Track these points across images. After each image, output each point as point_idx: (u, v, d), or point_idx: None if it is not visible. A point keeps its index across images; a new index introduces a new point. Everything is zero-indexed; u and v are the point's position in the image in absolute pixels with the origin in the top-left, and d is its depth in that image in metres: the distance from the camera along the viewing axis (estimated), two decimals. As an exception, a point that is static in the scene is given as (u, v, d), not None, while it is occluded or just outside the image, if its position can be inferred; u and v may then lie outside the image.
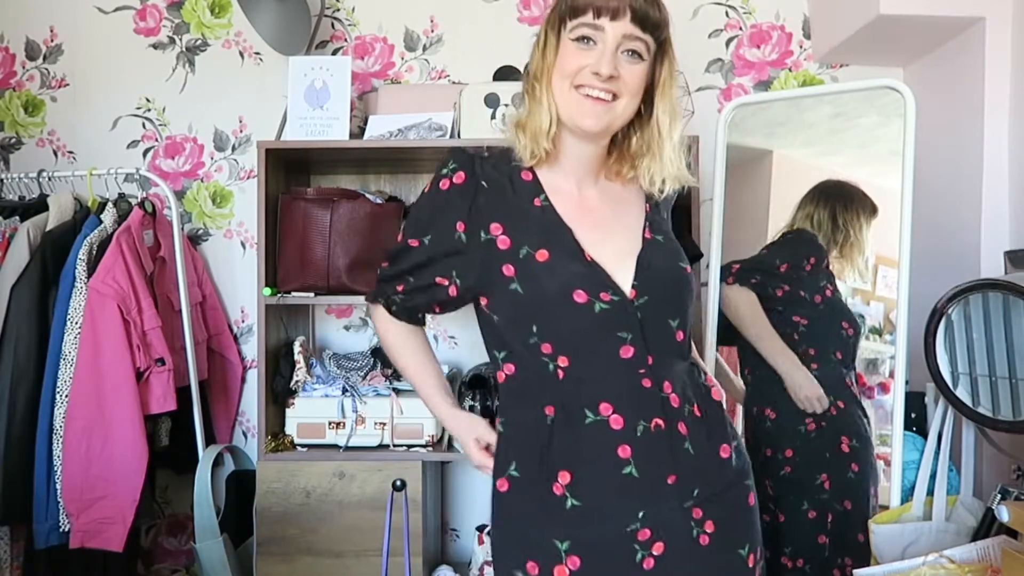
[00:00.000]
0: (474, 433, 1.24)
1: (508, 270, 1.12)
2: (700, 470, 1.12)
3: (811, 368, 1.87)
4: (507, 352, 1.16)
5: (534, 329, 1.11)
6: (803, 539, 1.85)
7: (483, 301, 1.16)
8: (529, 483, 1.12)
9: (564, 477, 1.10)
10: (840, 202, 1.93)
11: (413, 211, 1.21)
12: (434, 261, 1.17)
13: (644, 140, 1.17)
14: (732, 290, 1.95)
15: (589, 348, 1.10)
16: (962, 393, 1.67)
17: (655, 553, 1.08)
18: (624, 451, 1.09)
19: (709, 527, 1.11)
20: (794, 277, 1.93)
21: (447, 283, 1.17)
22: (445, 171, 1.16)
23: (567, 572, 1.08)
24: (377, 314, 1.30)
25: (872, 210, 1.91)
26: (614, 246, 1.15)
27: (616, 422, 1.09)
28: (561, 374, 1.11)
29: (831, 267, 1.93)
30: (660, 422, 1.10)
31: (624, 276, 1.13)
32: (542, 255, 1.11)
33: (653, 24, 1.11)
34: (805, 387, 1.86)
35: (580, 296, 1.09)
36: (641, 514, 1.08)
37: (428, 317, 1.31)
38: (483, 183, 1.16)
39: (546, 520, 1.10)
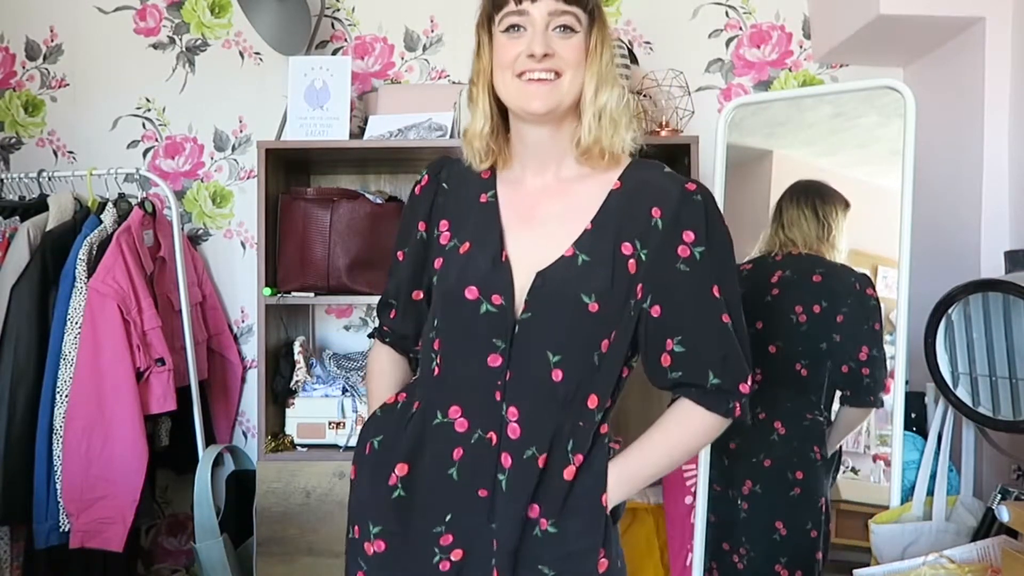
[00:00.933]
0: None
1: (438, 263, 1.14)
2: (504, 505, 1.06)
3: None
4: (421, 346, 1.19)
5: (435, 323, 1.12)
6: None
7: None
8: (379, 459, 1.13)
9: (401, 469, 1.10)
10: (819, 198, 1.93)
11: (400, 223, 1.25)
12: (412, 272, 1.20)
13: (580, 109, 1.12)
14: None
15: (465, 348, 1.09)
16: (962, 393, 1.67)
17: (453, 559, 1.07)
18: (457, 453, 1.08)
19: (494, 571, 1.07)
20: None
21: (422, 296, 1.20)
22: (419, 177, 1.22)
23: (372, 551, 1.11)
24: (373, 346, 1.30)
25: (845, 204, 1.92)
26: (538, 251, 1.09)
27: (460, 425, 1.08)
28: (436, 371, 1.11)
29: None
30: (493, 436, 1.07)
31: (527, 288, 1.08)
32: (464, 247, 1.12)
33: None
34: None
35: (471, 293, 1.08)
36: (448, 517, 1.07)
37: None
38: (444, 184, 1.19)
39: (372, 501, 1.12)
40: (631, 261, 1.08)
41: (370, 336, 1.31)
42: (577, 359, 1.07)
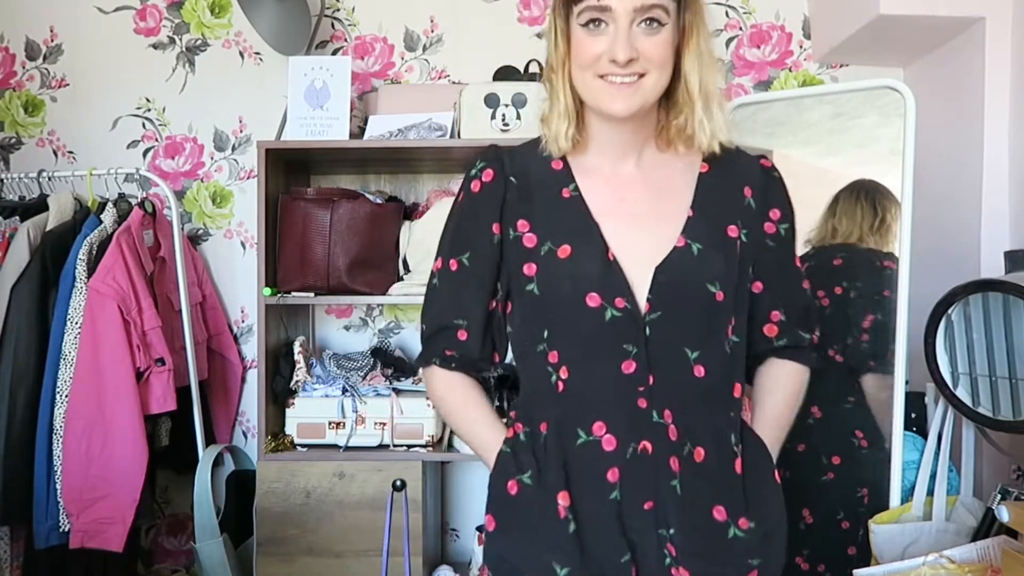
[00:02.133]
0: None
1: (529, 269, 1.05)
2: (682, 512, 1.01)
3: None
4: (520, 361, 1.10)
5: (545, 335, 1.04)
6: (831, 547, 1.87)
7: (512, 303, 1.09)
8: (537, 495, 1.03)
9: (564, 499, 1.01)
10: (878, 191, 1.95)
11: (446, 229, 1.11)
12: (481, 282, 1.08)
13: (677, 99, 1.05)
14: None
15: (593, 358, 1.02)
16: (962, 393, 1.67)
17: None
18: (613, 474, 1.01)
19: (684, 573, 1.00)
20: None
21: (495, 305, 1.09)
22: (474, 172, 1.09)
23: None
24: (432, 377, 1.15)
25: (899, 205, 1.94)
26: (643, 244, 1.04)
27: (608, 443, 1.01)
28: (561, 387, 1.03)
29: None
30: (648, 445, 1.01)
31: (643, 284, 1.02)
32: (564, 251, 1.03)
33: None
34: None
35: (594, 300, 1.01)
36: (626, 543, 1.01)
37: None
38: (511, 178, 1.08)
39: (549, 541, 1.02)
40: (738, 243, 1.06)
41: (421, 365, 1.16)
42: (714, 351, 1.04)
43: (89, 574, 2.15)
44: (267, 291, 2.09)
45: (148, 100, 2.51)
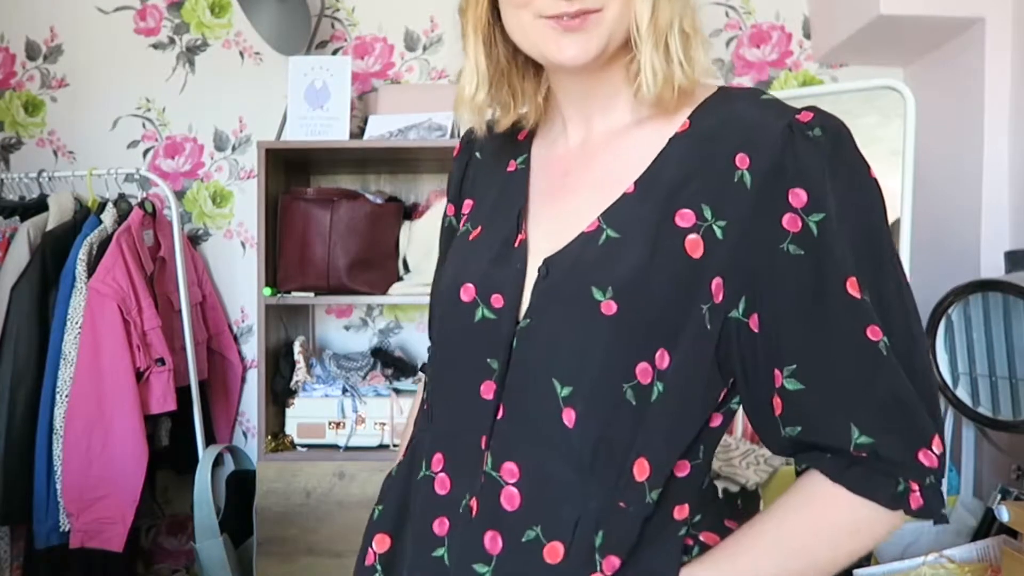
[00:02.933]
0: None
1: (445, 254, 0.89)
2: None
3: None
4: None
5: (433, 336, 0.85)
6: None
7: None
8: (366, 532, 0.85)
9: (381, 543, 0.80)
10: None
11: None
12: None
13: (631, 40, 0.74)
14: None
15: (452, 370, 0.78)
16: (962, 393, 1.67)
17: None
18: (441, 526, 0.74)
19: None
20: None
21: None
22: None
23: None
24: (420, 385, 0.95)
25: None
26: (558, 230, 0.75)
27: (442, 484, 0.75)
28: (426, 404, 0.82)
29: None
30: (474, 504, 0.72)
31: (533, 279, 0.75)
32: (475, 233, 0.82)
33: None
34: None
35: (467, 292, 0.76)
36: None
37: None
38: (476, 154, 0.89)
39: None
40: (692, 237, 0.68)
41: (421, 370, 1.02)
42: (596, 393, 0.68)
43: (89, 574, 2.15)
44: (267, 291, 2.09)
45: (148, 100, 2.51)
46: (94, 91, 2.50)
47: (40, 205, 2.16)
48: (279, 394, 2.15)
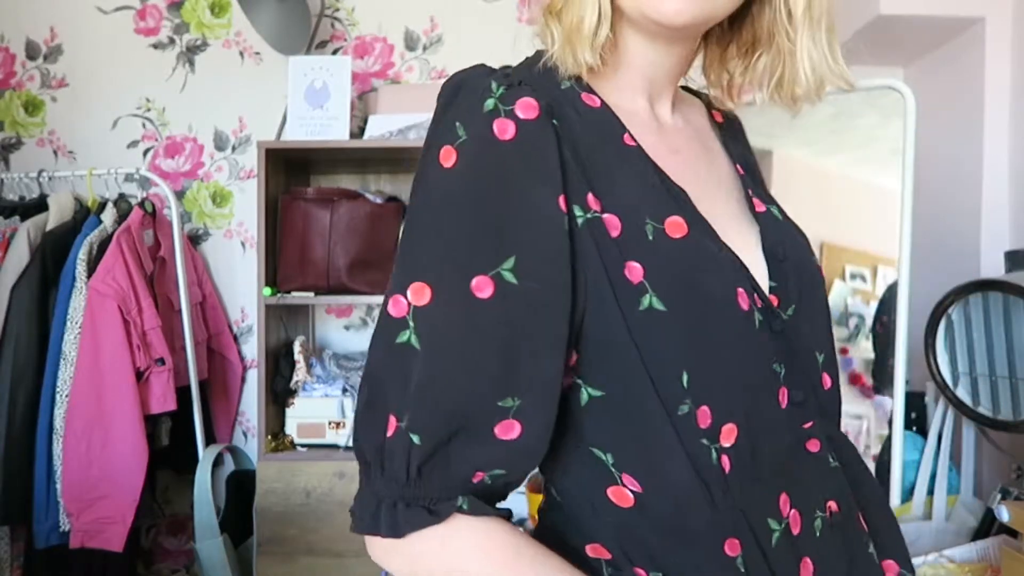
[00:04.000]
0: None
1: (634, 273, 0.58)
2: None
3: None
4: (617, 458, 0.60)
5: (684, 382, 0.58)
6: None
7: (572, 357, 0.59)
8: None
9: None
10: None
11: (435, 223, 0.58)
12: (549, 313, 0.56)
13: (760, 25, 0.69)
14: None
15: (755, 399, 0.62)
16: (962, 393, 1.67)
17: None
18: (806, 568, 0.62)
19: None
20: None
21: (564, 356, 0.58)
22: (489, 104, 0.59)
23: None
24: (451, 535, 0.57)
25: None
26: (728, 214, 0.68)
27: (795, 523, 0.62)
28: (728, 465, 0.60)
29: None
30: (834, 504, 0.66)
31: (757, 270, 0.65)
32: (676, 228, 0.60)
33: None
34: None
35: (744, 299, 0.61)
36: None
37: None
38: (554, 120, 0.60)
39: None
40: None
41: (417, 524, 0.57)
42: (832, 352, 0.72)
43: (89, 574, 2.15)
44: (267, 291, 2.09)
45: (148, 100, 2.51)
46: (94, 91, 2.50)
47: (40, 205, 2.16)
48: (279, 394, 2.15)
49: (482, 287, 0.55)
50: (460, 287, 0.54)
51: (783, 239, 0.69)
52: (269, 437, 2.12)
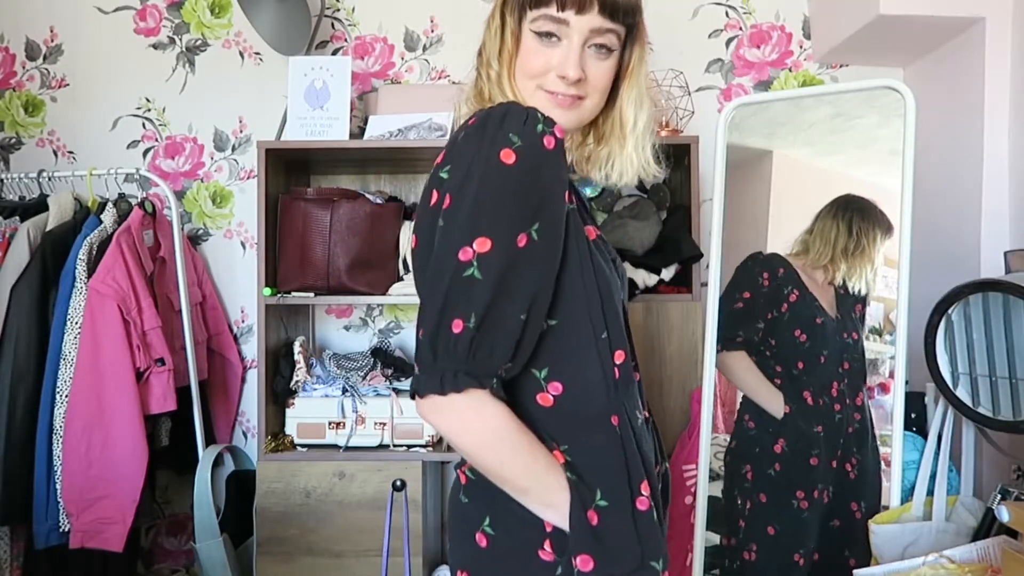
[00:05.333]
0: None
1: (590, 233, 0.98)
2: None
3: (808, 393, 1.90)
4: (549, 369, 0.95)
5: (603, 316, 0.96)
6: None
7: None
8: (651, 504, 0.96)
9: (645, 486, 0.95)
10: (858, 213, 1.93)
11: (493, 194, 0.84)
12: (551, 266, 0.89)
13: (605, 129, 1.06)
14: (724, 356, 1.95)
15: (624, 335, 1.00)
16: (962, 393, 1.67)
17: None
18: (647, 443, 1.01)
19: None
20: (759, 302, 1.93)
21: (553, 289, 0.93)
22: (540, 127, 0.88)
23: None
24: (478, 406, 0.85)
25: (887, 229, 1.92)
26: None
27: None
28: (617, 373, 0.97)
29: (835, 272, 1.94)
30: (647, 414, 1.06)
31: None
32: (591, 232, 0.99)
33: (624, 11, 0.98)
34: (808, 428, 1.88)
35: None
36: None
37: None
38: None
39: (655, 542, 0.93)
40: None
41: (452, 388, 0.84)
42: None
43: (89, 574, 2.15)
44: (267, 291, 2.09)
45: (148, 100, 2.51)
46: (94, 91, 2.50)
47: (40, 205, 2.16)
48: (279, 394, 2.15)
49: (521, 240, 0.85)
50: (511, 241, 0.84)
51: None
52: (269, 437, 2.12)
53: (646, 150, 1.04)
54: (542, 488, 0.89)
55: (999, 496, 1.58)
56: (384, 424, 2.10)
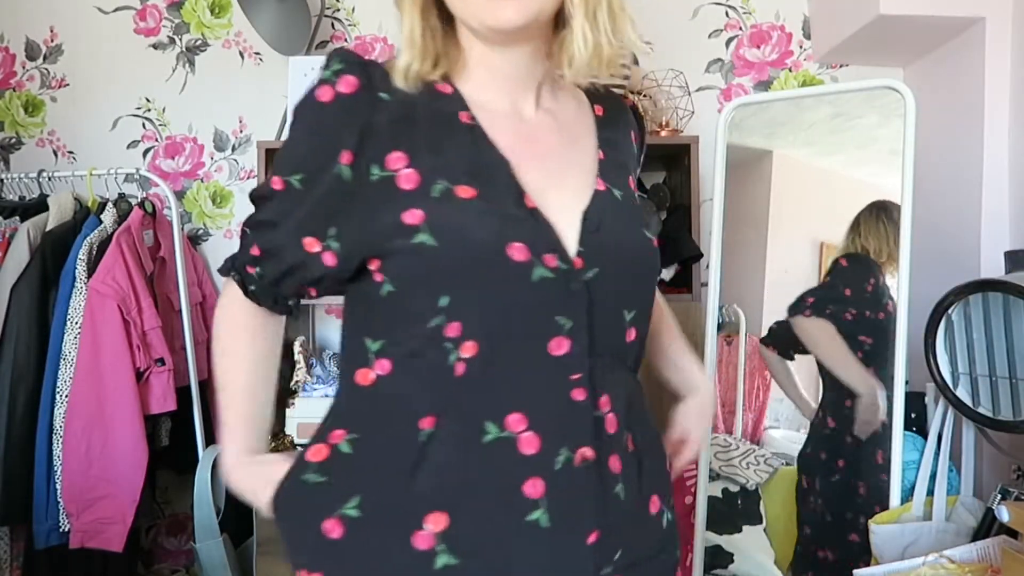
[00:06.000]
0: (268, 493, 0.89)
1: (413, 216, 0.75)
2: (628, 524, 0.81)
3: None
4: (385, 342, 0.79)
5: (443, 302, 0.75)
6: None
7: (373, 266, 0.79)
8: (377, 528, 0.76)
9: (437, 522, 0.74)
10: (886, 213, 1.94)
11: (285, 139, 0.84)
12: (304, 212, 0.80)
13: (564, 18, 0.81)
14: (810, 322, 1.97)
15: (512, 332, 0.76)
16: (962, 393, 1.67)
17: None
18: (534, 487, 0.75)
19: None
20: (859, 300, 1.95)
21: (319, 248, 0.80)
22: (326, 74, 0.81)
23: None
24: (227, 293, 0.93)
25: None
26: (561, 194, 0.82)
27: (528, 444, 0.75)
28: (462, 369, 0.76)
29: (886, 281, 1.95)
30: (589, 453, 0.77)
31: (570, 237, 0.79)
32: (466, 191, 0.76)
33: None
34: (874, 420, 1.88)
35: (519, 252, 0.75)
36: None
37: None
38: (382, 94, 0.80)
39: None
40: (636, 196, 0.92)
41: (224, 272, 0.93)
42: (647, 309, 0.87)
43: (89, 574, 2.15)
44: (267, 291, 2.09)
45: (148, 100, 2.51)
46: (94, 91, 2.50)
47: (40, 205, 2.16)
48: (279, 394, 2.15)
49: (279, 183, 0.81)
50: (270, 182, 0.83)
51: (605, 214, 0.82)
52: (269, 437, 2.12)
53: (610, 25, 0.79)
54: (223, 419, 0.98)
55: (999, 496, 1.58)
56: (384, 424, 2.09)
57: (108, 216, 2.12)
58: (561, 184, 0.82)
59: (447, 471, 0.75)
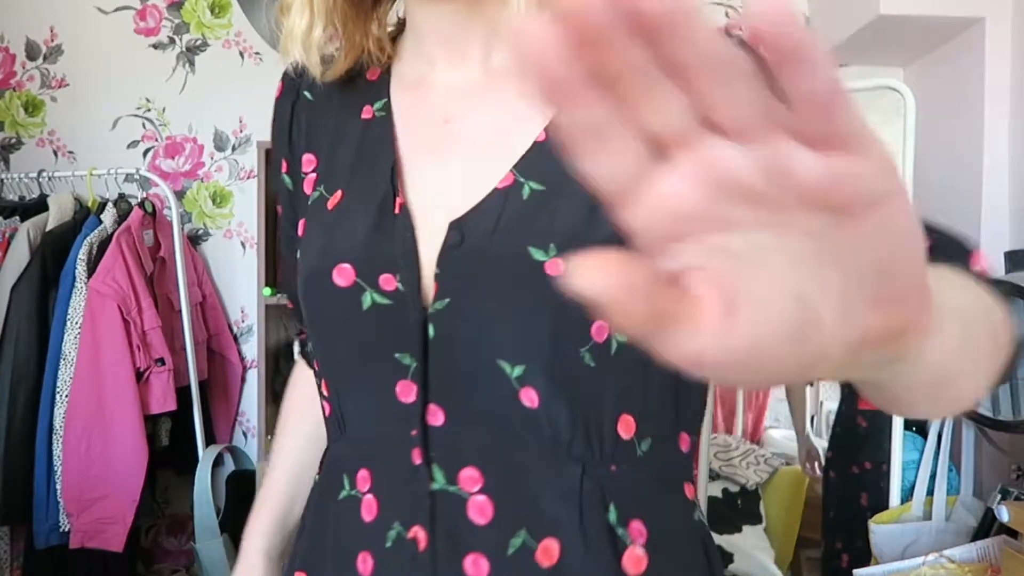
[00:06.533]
0: None
1: (301, 228, 0.67)
2: None
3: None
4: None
5: (315, 334, 0.66)
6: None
7: None
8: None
9: None
10: None
11: None
12: (290, 236, 0.71)
13: None
14: None
15: (352, 371, 0.63)
16: (962, 393, 1.67)
17: None
18: (364, 563, 0.59)
19: None
20: None
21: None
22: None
23: None
24: (296, 366, 0.91)
25: None
26: (455, 187, 0.60)
27: (369, 509, 0.60)
28: (328, 410, 0.65)
29: None
30: (420, 534, 0.56)
31: (427, 254, 0.58)
32: (334, 198, 0.64)
33: None
34: None
35: (343, 275, 0.59)
36: None
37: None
38: (305, 92, 0.73)
39: None
40: None
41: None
42: (555, 365, 0.56)
43: (89, 574, 2.15)
44: (267, 291, 2.09)
45: (148, 100, 2.51)
46: (94, 91, 2.50)
47: (40, 205, 2.16)
48: (279, 394, 2.15)
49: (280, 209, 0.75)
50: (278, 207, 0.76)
51: (484, 220, 0.57)
52: (269, 437, 2.12)
53: None
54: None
55: (999, 496, 1.58)
56: (384, 424, 2.09)
57: (108, 216, 2.12)
58: (461, 173, 0.61)
59: (311, 529, 0.66)
